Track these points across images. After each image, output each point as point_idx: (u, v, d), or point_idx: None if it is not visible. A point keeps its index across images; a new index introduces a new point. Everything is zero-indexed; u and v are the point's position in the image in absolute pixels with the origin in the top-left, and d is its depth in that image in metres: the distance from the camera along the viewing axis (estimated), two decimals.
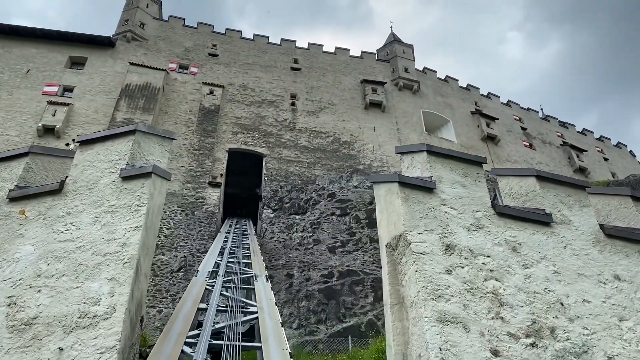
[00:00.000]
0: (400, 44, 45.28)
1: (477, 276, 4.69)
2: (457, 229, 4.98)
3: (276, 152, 30.91)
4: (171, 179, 5.86)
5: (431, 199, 5.15)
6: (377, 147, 34.10)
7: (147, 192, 4.86)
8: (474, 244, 4.92)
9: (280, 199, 27.16)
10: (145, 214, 4.68)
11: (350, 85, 39.25)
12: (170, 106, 31.05)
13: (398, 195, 5.07)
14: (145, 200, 4.78)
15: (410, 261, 4.66)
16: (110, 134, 5.43)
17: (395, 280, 4.96)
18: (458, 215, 5.12)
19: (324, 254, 22.41)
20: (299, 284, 19.94)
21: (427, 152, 5.56)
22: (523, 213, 5.38)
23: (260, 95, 35.09)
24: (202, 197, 25.57)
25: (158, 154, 5.73)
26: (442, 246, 4.79)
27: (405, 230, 4.80)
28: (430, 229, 4.88)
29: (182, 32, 38.40)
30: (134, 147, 5.33)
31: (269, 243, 23.54)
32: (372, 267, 21.34)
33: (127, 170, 5.02)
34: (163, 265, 20.33)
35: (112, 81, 30.83)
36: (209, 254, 13.15)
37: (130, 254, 4.36)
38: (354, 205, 26.05)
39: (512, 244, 5.11)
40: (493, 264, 4.84)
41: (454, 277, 4.59)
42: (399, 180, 5.13)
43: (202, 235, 22.72)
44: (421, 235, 4.80)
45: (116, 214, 4.71)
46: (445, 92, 44.54)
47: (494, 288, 4.65)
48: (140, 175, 4.98)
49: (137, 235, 4.50)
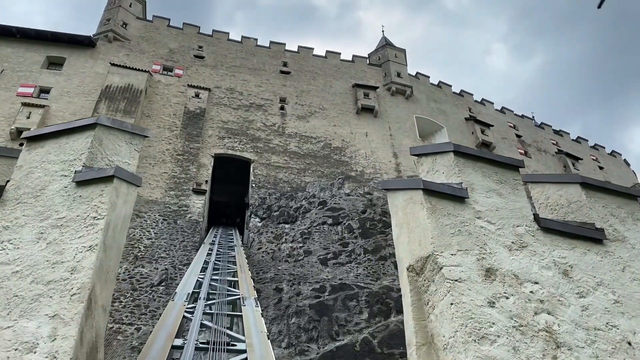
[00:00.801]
0: (392, 48, 44.66)
1: (526, 309, 3.77)
2: (496, 249, 4.07)
3: (264, 158, 29.93)
4: (141, 184, 4.88)
5: (463, 211, 4.23)
6: (370, 153, 33.27)
7: (107, 200, 3.87)
8: (518, 268, 4.01)
9: (269, 207, 26.16)
10: (103, 229, 3.70)
11: (341, 89, 38.46)
12: (153, 109, 29.96)
13: (423, 205, 4.14)
14: (104, 212, 3.80)
15: (443, 290, 3.73)
16: (65, 129, 4.43)
17: (421, 313, 4.03)
18: (497, 231, 4.20)
19: (315, 266, 21.41)
20: (288, 299, 18.91)
21: (454, 153, 4.65)
22: (572, 228, 4.48)
23: (248, 98, 34.14)
24: (186, 205, 24.46)
25: (125, 154, 4.75)
26: (480, 271, 3.87)
27: (434, 250, 3.87)
28: (465, 249, 3.97)
29: (167, 33, 37.37)
30: (94, 145, 4.34)
31: (257, 254, 22.49)
32: (367, 281, 20.41)
33: (83, 173, 4.03)
34: (142, 278, 19.18)
35: (92, 82, 29.68)
36: (189, 271, 12.04)
37: (81, 282, 3.38)
38: (347, 214, 25.14)
39: (562, 266, 4.20)
40: (543, 293, 3.92)
41: (498, 310, 3.67)
42: (423, 187, 4.21)
43: (185, 246, 21.60)
44: (455, 257, 3.88)
45: (66, 229, 3.72)
46: (438, 98, 43.95)
47: (547, 324, 3.73)
48: (99, 179, 4.00)
49: (92, 257, 3.52)
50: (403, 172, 32.57)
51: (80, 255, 3.53)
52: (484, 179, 4.56)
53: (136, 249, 20.69)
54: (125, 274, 19.21)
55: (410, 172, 32.80)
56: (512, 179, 4.69)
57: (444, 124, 40.52)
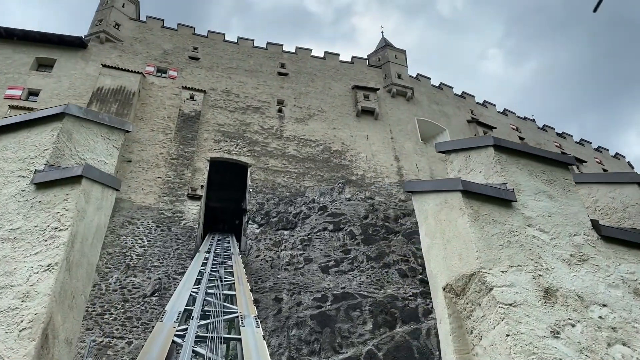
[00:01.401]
0: (392, 49, 44.04)
1: (597, 339, 3.05)
2: (553, 263, 3.35)
3: (262, 162, 29.20)
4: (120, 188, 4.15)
5: (511, 217, 3.51)
6: (371, 156, 32.57)
7: (72, 207, 3.14)
8: (581, 287, 3.29)
9: (267, 213, 25.40)
10: (66, 244, 2.97)
11: (340, 91, 37.80)
12: (147, 112, 29.22)
13: (463, 211, 3.43)
14: (69, 221, 3.07)
15: (494, 317, 3.01)
16: (26, 120, 3.70)
17: (463, 344, 3.30)
18: (551, 242, 3.49)
19: (316, 274, 20.65)
20: (288, 310, 18.14)
21: (494, 148, 3.93)
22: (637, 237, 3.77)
23: (245, 101, 33.43)
24: (180, 211, 23.69)
25: (102, 151, 4.02)
26: (538, 291, 3.16)
27: (481, 266, 3.15)
28: (518, 264, 3.25)
29: (161, 34, 36.67)
30: (61, 140, 3.61)
31: (255, 262, 21.72)
32: (371, 289, 19.66)
33: (44, 173, 3.30)
34: (135, 288, 18.37)
35: (83, 85, 28.93)
36: (182, 284, 11.20)
37: (33, 313, 2.65)
38: (348, 220, 24.41)
39: (631, 284, 3.48)
40: (614, 318, 3.20)
41: (564, 342, 2.95)
42: (462, 188, 3.49)
43: (180, 254, 20.82)
44: (506, 275, 3.17)
45: (20, 243, 2.99)
46: (440, 100, 43.33)
47: (624, 359, 3.02)
48: (64, 181, 3.27)
49: (50, 280, 2.79)
50: (405, 176, 31.87)
51: (35, 277, 2.80)
52: (530, 179, 3.85)
53: (128, 258, 19.91)
54: (116, 284, 18.42)
55: (413, 175, 32.12)
56: (562, 179, 3.98)
57: (446, 126, 39.88)
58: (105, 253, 19.83)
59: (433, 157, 34.93)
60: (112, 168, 4.11)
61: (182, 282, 11.67)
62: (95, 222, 3.50)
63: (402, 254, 22.18)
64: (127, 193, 23.73)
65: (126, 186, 24.07)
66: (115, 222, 21.65)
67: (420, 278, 21.12)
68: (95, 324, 16.48)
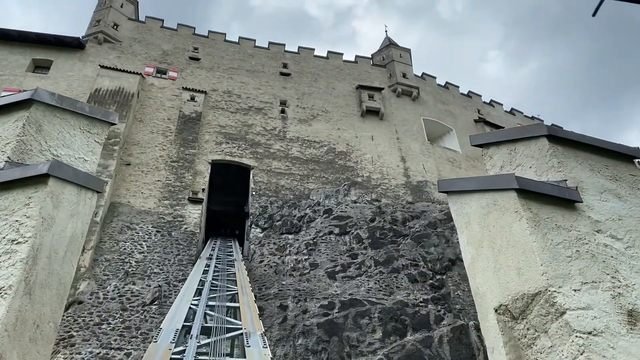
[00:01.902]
0: (396, 48, 43.44)
1: None
2: (633, 278, 2.73)
3: (265, 164, 28.60)
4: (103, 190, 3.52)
5: (576, 222, 2.89)
6: (376, 157, 31.94)
7: (35, 213, 2.55)
8: None
9: (270, 216, 24.78)
10: (25, 261, 2.37)
11: (344, 91, 37.20)
12: (146, 114, 28.66)
13: (519, 214, 2.81)
14: (30, 231, 2.47)
15: (570, 349, 2.39)
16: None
17: None
18: (627, 251, 2.86)
19: (322, 280, 20.01)
20: (294, 318, 17.50)
21: (548, 138, 3.32)
22: None
23: (247, 101, 32.86)
24: (181, 215, 23.08)
25: (80, 147, 3.42)
26: (621, 315, 2.53)
27: (548, 283, 2.53)
28: (592, 281, 2.62)
29: (160, 34, 36.16)
30: (27, 132, 3.02)
31: (258, 268, 21.09)
32: (380, 295, 19.00)
33: (2, 172, 2.70)
34: (134, 296, 17.76)
35: (81, 86, 28.40)
36: (181, 295, 10.51)
37: None
38: (354, 223, 23.77)
39: None
40: None
41: None
42: (518, 186, 2.88)
43: (180, 260, 20.20)
44: (580, 295, 2.54)
45: None
46: (446, 99, 42.69)
47: None
48: (25, 181, 2.67)
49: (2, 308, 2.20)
50: (412, 177, 31.24)
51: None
52: (592, 175, 3.23)
53: (127, 264, 19.32)
54: (114, 292, 17.82)
55: (420, 177, 31.49)
56: (628, 175, 3.36)
57: (452, 126, 39.25)
58: (103, 260, 19.26)
59: (440, 158, 34.31)
60: (93, 166, 3.51)
61: (181, 292, 11.01)
62: (69, 232, 2.90)
63: (412, 258, 21.53)
64: (126, 197, 23.17)
65: (125, 190, 23.52)
66: (113, 228, 21.08)
67: (431, 283, 20.48)
68: (92, 334, 15.88)
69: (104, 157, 23.05)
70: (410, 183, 30.76)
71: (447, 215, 25.34)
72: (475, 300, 3.13)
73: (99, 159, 3.59)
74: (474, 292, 3.15)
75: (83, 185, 3.08)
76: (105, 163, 22.81)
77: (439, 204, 28.04)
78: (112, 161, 23.08)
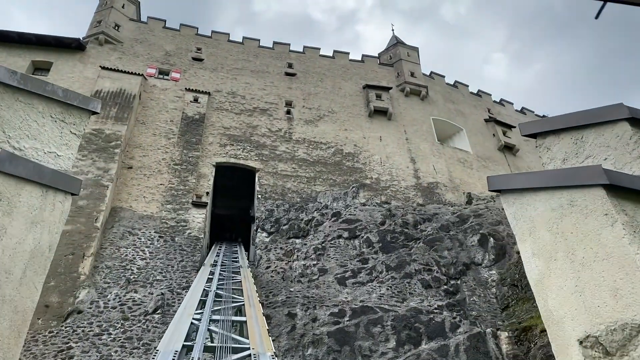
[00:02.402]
0: (404, 47, 42.81)
1: None
2: None
3: (270, 166, 28.00)
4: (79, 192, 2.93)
5: None
6: (385, 158, 31.29)
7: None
8: None
9: (277, 220, 24.17)
10: None
11: (351, 91, 36.60)
12: (148, 115, 28.15)
13: (612, 218, 2.17)
14: None
15: None
16: None
17: None
18: None
19: (332, 286, 19.36)
20: (303, 326, 16.86)
21: (629, 122, 2.68)
22: None
23: (252, 102, 32.31)
24: (185, 220, 22.51)
25: (51, 138, 2.82)
26: None
27: None
28: None
29: (163, 35, 35.72)
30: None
31: (265, 274, 20.48)
32: (392, 302, 18.33)
33: None
34: (135, 305, 17.17)
35: (81, 88, 27.89)
36: (182, 309, 9.79)
37: None
38: (364, 226, 23.11)
39: None
40: None
41: None
42: (608, 181, 2.25)
43: (184, 267, 19.61)
44: None
45: None
46: (455, 99, 42.02)
47: None
48: None
49: None
50: (422, 179, 30.57)
51: None
52: None
53: (128, 271, 18.75)
54: (115, 300, 17.24)
55: (431, 178, 30.81)
56: None
57: (462, 125, 38.57)
58: (104, 267, 18.71)
59: (451, 159, 33.62)
60: (68, 163, 2.91)
61: (182, 305, 10.35)
62: (29, 245, 2.29)
63: (425, 263, 20.85)
64: (128, 201, 22.64)
65: (127, 194, 22.99)
66: (115, 233, 20.54)
67: (445, 289, 19.80)
68: (92, 345, 15.30)
69: (105, 160, 22.58)
70: (420, 185, 30.09)
71: (459, 218, 24.66)
72: (548, 327, 2.49)
73: (76, 153, 2.99)
74: (545, 316, 2.51)
75: (50, 185, 2.47)
76: (106, 166, 22.31)
77: (451, 206, 27.35)
78: (114, 164, 22.56)
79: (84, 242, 18.70)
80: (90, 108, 3.16)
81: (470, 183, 32.04)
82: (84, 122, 3.12)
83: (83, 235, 18.92)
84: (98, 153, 22.78)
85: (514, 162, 37.76)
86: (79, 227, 19.14)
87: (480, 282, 20.73)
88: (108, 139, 23.74)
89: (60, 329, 15.56)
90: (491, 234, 22.80)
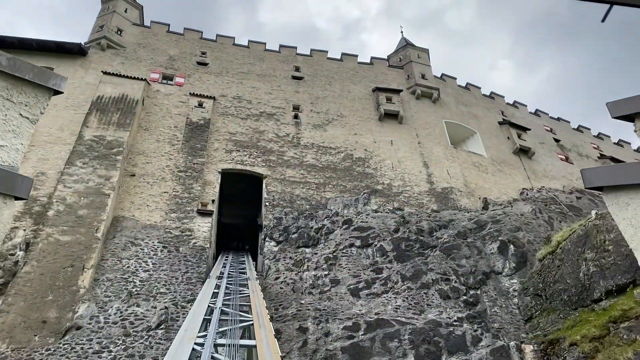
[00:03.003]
0: (414, 48, 42.09)
1: None
2: None
3: (278, 172, 27.26)
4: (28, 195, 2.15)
5: None
6: (397, 163, 30.47)
7: None
8: None
9: (286, 229, 23.38)
10: None
11: (360, 94, 35.89)
12: (152, 121, 27.53)
13: None
14: None
15: None
16: None
17: None
18: None
19: (345, 298, 18.51)
20: (315, 341, 16.01)
21: None
22: None
23: (258, 107, 31.65)
24: (190, 229, 21.77)
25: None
26: None
27: None
28: None
29: (166, 39, 35.22)
30: None
31: (274, 285, 19.66)
32: (409, 315, 17.46)
33: None
34: (137, 320, 16.39)
35: (82, 94, 27.36)
36: (183, 331, 8.97)
37: None
38: (377, 234, 22.27)
39: None
40: None
41: None
42: None
43: (189, 279, 18.84)
44: None
45: None
46: (468, 101, 41.21)
47: None
48: None
49: None
50: (436, 184, 29.70)
51: None
52: None
53: (130, 284, 18.00)
54: (116, 315, 16.49)
55: (445, 183, 29.94)
56: None
57: (476, 128, 37.75)
58: (104, 279, 17.98)
59: (465, 163, 32.75)
60: (14, 156, 2.16)
61: (183, 325, 9.54)
62: None
63: (442, 272, 19.96)
64: (131, 210, 21.94)
65: (129, 203, 22.31)
66: (116, 244, 19.82)
67: (465, 299, 18.90)
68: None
69: (106, 168, 21.94)
70: (434, 190, 29.23)
71: (477, 224, 23.77)
72: None
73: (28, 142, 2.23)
74: None
75: None
76: (107, 174, 21.66)
77: (467, 212, 26.48)
78: (115, 172, 21.90)
79: (83, 253, 17.99)
80: (50, 85, 2.40)
81: (486, 188, 31.15)
82: (41, 104, 2.36)
83: (83, 247, 18.21)
84: (99, 160, 22.14)
85: (530, 166, 36.85)
86: (78, 238, 18.45)
87: (501, 292, 19.82)
88: (110, 146, 23.10)
89: (58, 346, 14.81)
90: (511, 240, 21.90)
